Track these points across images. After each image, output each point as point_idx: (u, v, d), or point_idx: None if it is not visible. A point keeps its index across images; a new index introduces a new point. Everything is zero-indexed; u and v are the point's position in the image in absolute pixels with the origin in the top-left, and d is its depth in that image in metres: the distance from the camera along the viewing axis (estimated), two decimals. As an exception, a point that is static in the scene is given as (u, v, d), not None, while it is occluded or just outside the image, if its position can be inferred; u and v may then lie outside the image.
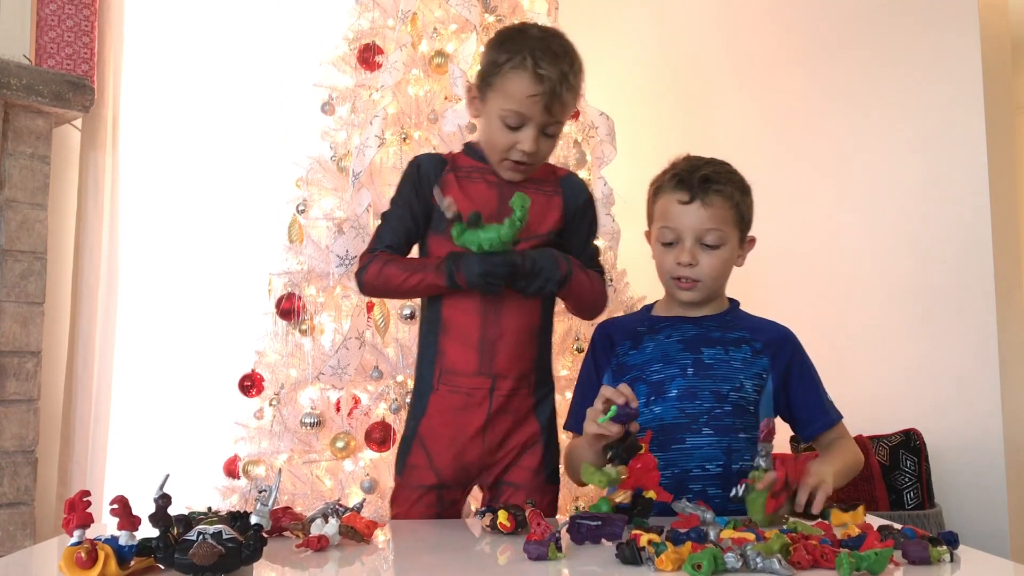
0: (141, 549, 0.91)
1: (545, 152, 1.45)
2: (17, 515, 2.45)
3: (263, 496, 1.01)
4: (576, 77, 1.41)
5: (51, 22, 2.74)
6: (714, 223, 1.41)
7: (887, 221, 2.77)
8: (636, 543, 0.97)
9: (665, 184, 1.45)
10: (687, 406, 1.39)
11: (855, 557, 0.91)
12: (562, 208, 1.49)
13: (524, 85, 1.36)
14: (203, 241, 2.99)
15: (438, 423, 1.44)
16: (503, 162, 1.43)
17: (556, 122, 1.41)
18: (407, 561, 1.08)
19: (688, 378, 1.40)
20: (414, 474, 1.45)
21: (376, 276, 1.44)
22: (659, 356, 1.43)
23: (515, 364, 1.43)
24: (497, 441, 1.44)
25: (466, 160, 1.49)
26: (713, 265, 1.41)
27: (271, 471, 2.27)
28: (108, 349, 2.77)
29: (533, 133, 1.39)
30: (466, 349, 1.42)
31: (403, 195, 1.49)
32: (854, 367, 2.77)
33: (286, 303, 2.32)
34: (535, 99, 1.36)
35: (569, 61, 1.40)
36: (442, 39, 2.46)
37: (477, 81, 1.46)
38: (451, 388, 1.43)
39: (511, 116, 1.38)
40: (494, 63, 1.40)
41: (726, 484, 1.34)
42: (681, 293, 1.44)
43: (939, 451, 2.53)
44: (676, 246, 1.41)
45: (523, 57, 1.36)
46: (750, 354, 1.43)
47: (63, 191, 2.80)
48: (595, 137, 2.55)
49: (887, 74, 2.80)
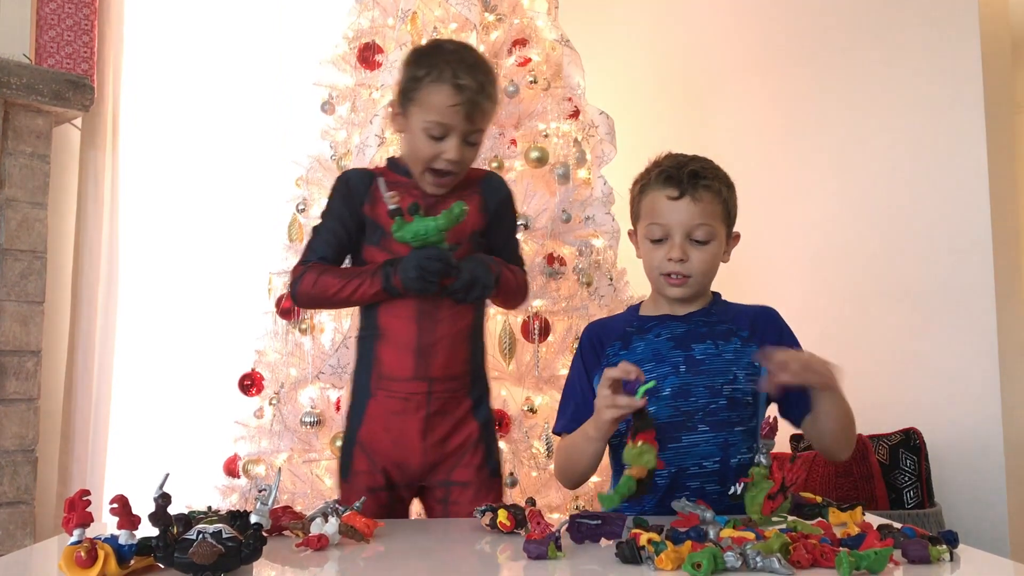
0: (141, 548, 0.91)
1: (468, 160, 1.50)
2: (17, 514, 2.45)
3: (263, 495, 1.01)
4: (492, 86, 1.48)
5: (51, 21, 2.74)
6: (703, 218, 1.40)
7: (887, 221, 2.77)
8: (636, 542, 0.97)
9: (652, 181, 1.43)
10: (681, 404, 1.38)
11: (855, 556, 0.91)
12: (481, 207, 1.53)
13: (445, 96, 1.42)
14: (203, 240, 2.99)
15: (377, 428, 1.47)
16: (425, 174, 1.48)
17: (477, 130, 1.47)
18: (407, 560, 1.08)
19: (681, 375, 1.39)
20: (359, 479, 1.48)
21: (312, 286, 1.47)
22: (650, 356, 1.43)
23: (451, 367, 1.47)
24: (437, 442, 1.47)
25: (391, 175, 1.53)
26: (703, 260, 1.41)
27: (271, 470, 2.27)
28: (108, 348, 2.77)
29: (456, 142, 1.44)
30: (403, 354, 1.45)
31: (334, 208, 1.53)
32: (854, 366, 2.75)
33: (286, 302, 2.32)
34: (456, 108, 1.42)
35: (484, 71, 1.48)
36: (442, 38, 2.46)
37: (398, 98, 1.50)
38: (388, 393, 1.46)
39: (434, 127, 1.43)
40: (414, 78, 1.46)
41: (723, 480, 1.33)
42: (671, 290, 1.43)
43: (939, 450, 2.53)
44: (665, 242, 1.41)
45: (441, 70, 1.43)
46: (739, 344, 1.42)
47: (63, 190, 2.80)
48: (595, 136, 2.56)
49: (887, 73, 2.80)
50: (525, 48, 2.51)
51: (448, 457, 1.48)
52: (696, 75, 3.37)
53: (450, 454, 1.48)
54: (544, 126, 2.46)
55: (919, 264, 2.68)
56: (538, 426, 2.22)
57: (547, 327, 2.25)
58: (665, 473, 1.34)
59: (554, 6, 2.64)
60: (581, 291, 2.34)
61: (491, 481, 1.51)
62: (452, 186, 1.51)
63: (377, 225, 1.48)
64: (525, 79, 2.48)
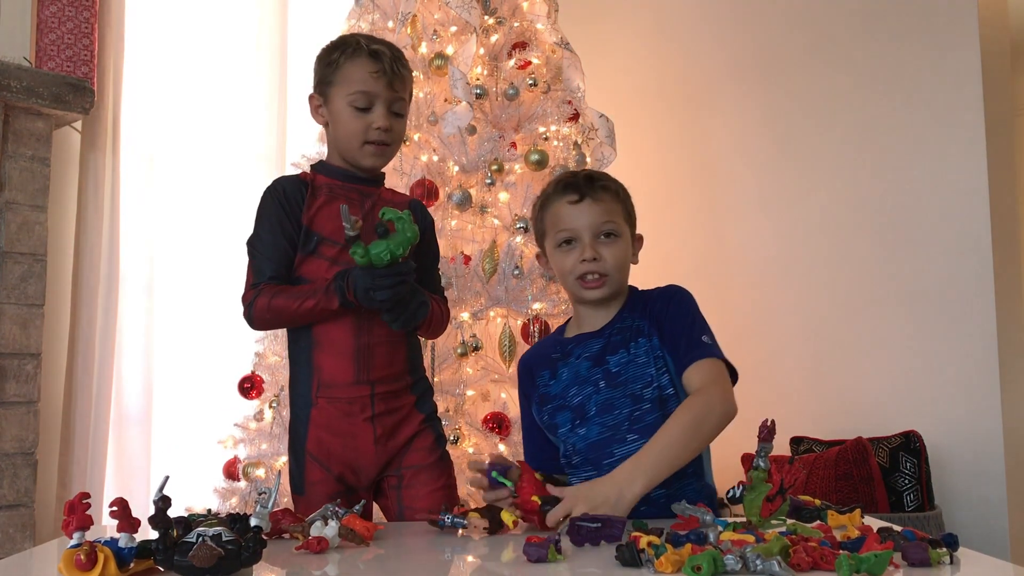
0: (141, 551, 0.91)
1: (398, 132, 1.53)
2: (17, 517, 2.45)
3: (263, 498, 1.01)
4: (404, 60, 1.53)
5: (51, 24, 2.74)
6: (607, 215, 1.43)
7: (887, 222, 2.77)
8: (636, 545, 0.97)
9: (552, 194, 1.48)
10: (607, 419, 1.40)
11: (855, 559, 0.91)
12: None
13: (363, 65, 1.47)
14: (203, 243, 2.99)
15: (325, 436, 1.46)
16: (363, 147, 1.49)
17: (400, 98, 1.51)
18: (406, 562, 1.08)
19: (601, 391, 1.41)
20: (316, 489, 1.46)
21: (266, 310, 1.44)
22: (573, 379, 1.45)
23: (390, 367, 1.48)
24: (386, 439, 1.48)
25: (323, 179, 1.53)
26: (615, 255, 1.43)
27: (271, 473, 2.27)
28: (108, 351, 2.77)
29: (383, 109, 1.48)
30: (342, 360, 1.45)
31: (271, 221, 1.48)
32: (854, 368, 2.77)
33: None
34: (376, 75, 1.47)
35: (392, 46, 1.53)
36: (442, 41, 2.47)
37: (316, 90, 1.54)
38: (330, 400, 1.46)
39: (358, 97, 1.47)
40: (329, 63, 1.51)
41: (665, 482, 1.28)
42: (589, 293, 1.43)
43: (939, 453, 2.53)
44: (575, 246, 1.43)
45: (355, 46, 1.49)
46: (646, 340, 1.42)
47: (63, 193, 2.80)
48: (595, 139, 2.56)
49: (887, 76, 2.80)
50: (525, 51, 2.51)
51: (399, 450, 1.49)
52: (696, 77, 3.37)
53: (400, 447, 1.49)
54: (544, 129, 2.46)
55: (919, 265, 2.68)
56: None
57: (547, 329, 2.25)
58: None
59: (554, 9, 2.65)
60: (581, 293, 2.34)
61: (441, 464, 1.53)
62: (391, 157, 1.54)
63: (313, 233, 1.47)
64: (525, 82, 2.48)
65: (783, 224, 3.05)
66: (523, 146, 2.43)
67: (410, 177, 2.35)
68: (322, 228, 1.48)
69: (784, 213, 3.05)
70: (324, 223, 1.48)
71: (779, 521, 1.18)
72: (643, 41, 3.56)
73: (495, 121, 2.43)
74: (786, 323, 3.01)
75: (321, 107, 1.54)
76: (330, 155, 1.58)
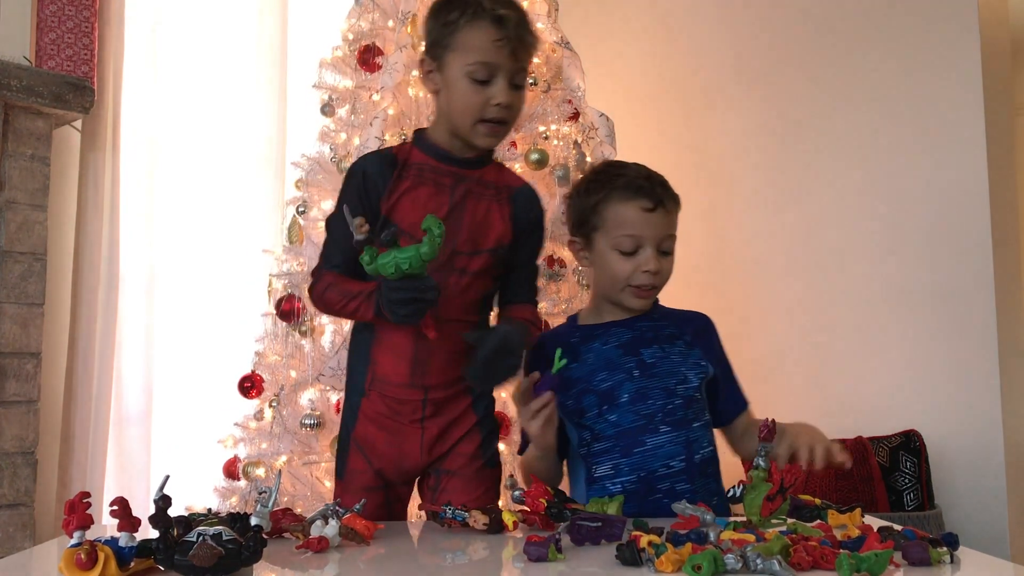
0: (141, 550, 0.91)
1: (518, 106, 1.38)
2: (17, 516, 2.45)
3: (263, 497, 1.01)
4: (529, 23, 1.38)
5: (51, 23, 2.74)
6: (672, 229, 1.44)
7: (887, 221, 2.77)
8: (636, 544, 0.97)
9: (619, 191, 1.42)
10: (641, 408, 1.39)
11: (855, 558, 0.91)
12: (511, 221, 1.42)
13: (487, 32, 1.31)
14: (203, 242, 2.99)
15: (372, 428, 1.41)
16: (477, 126, 1.35)
17: (522, 69, 1.36)
18: (407, 562, 1.08)
19: (635, 380, 1.40)
20: (356, 478, 1.42)
21: (319, 300, 1.42)
22: (602, 364, 1.43)
23: (447, 374, 1.39)
24: (433, 439, 1.41)
25: (419, 156, 1.40)
26: (669, 270, 1.44)
27: (271, 472, 2.27)
28: (108, 350, 2.77)
29: (504, 83, 1.33)
30: (399, 362, 1.38)
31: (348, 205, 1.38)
32: (854, 367, 2.77)
33: (286, 304, 2.32)
34: (500, 44, 1.31)
35: (519, 6, 1.38)
36: None
37: (430, 51, 1.38)
38: (382, 395, 1.40)
39: (479, 69, 1.32)
40: (447, 24, 1.34)
41: (691, 477, 1.36)
42: (638, 301, 1.44)
43: (939, 452, 2.53)
44: (636, 254, 1.41)
45: (477, 7, 1.32)
46: (684, 347, 1.45)
47: (63, 192, 2.80)
48: (595, 138, 2.56)
49: (887, 75, 2.80)
50: (525, 50, 2.51)
51: (447, 451, 1.43)
52: (696, 77, 3.37)
53: (448, 448, 1.43)
54: (544, 128, 2.46)
55: (919, 264, 2.68)
56: (538, 428, 2.22)
57: (547, 329, 2.25)
58: (635, 478, 1.36)
59: (554, 8, 2.64)
60: (581, 293, 2.34)
61: (483, 472, 1.44)
62: (505, 136, 1.40)
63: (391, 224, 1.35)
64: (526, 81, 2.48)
65: (783, 223, 3.05)
66: (523, 145, 2.43)
67: (410, 176, 2.35)
68: (402, 219, 1.35)
69: (784, 213, 3.05)
70: (405, 213, 1.36)
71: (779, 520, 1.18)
72: (643, 40, 3.56)
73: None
74: (786, 322, 3.01)
75: (433, 72, 1.37)
76: (436, 125, 1.42)
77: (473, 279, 1.39)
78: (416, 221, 1.28)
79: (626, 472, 1.37)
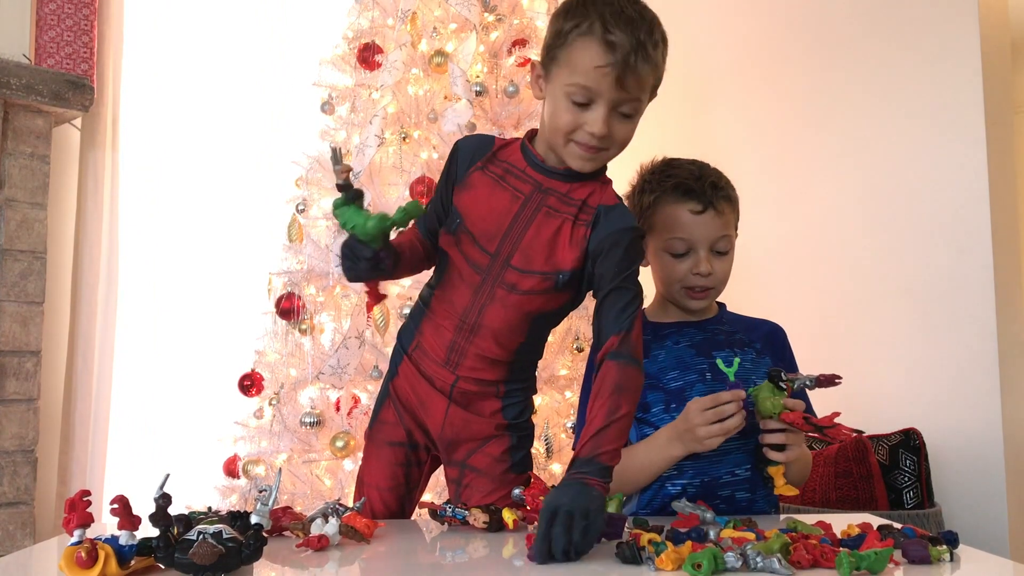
0: (141, 549, 0.91)
1: (620, 137, 1.26)
2: (17, 515, 2.45)
3: (263, 496, 1.01)
4: (656, 49, 1.22)
5: (51, 21, 2.74)
6: (726, 229, 1.40)
7: (887, 221, 2.77)
8: (636, 543, 0.97)
9: (668, 192, 1.41)
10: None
11: (855, 556, 0.91)
12: (585, 244, 1.28)
13: (592, 55, 1.19)
14: (203, 240, 2.99)
15: (406, 388, 1.40)
16: (569, 145, 1.26)
17: (632, 99, 1.23)
18: (407, 561, 1.08)
19: (708, 383, 1.38)
20: (384, 429, 1.41)
21: None
22: (674, 363, 1.41)
23: (478, 374, 1.35)
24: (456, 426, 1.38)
25: (514, 155, 1.34)
26: (725, 271, 1.42)
27: (271, 470, 2.27)
28: (108, 348, 2.77)
29: (603, 112, 1.21)
30: (439, 341, 1.36)
31: (439, 181, 1.39)
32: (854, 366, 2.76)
33: (286, 302, 2.32)
34: (604, 71, 1.18)
35: (648, 29, 1.21)
36: (442, 38, 2.46)
37: (542, 56, 1.29)
38: (418, 363, 1.38)
39: (578, 92, 1.21)
40: (559, 33, 1.23)
41: (753, 487, 1.35)
42: (694, 303, 1.42)
43: (939, 451, 2.53)
44: (688, 256, 1.40)
45: (591, 23, 1.19)
46: (754, 355, 1.43)
47: (63, 190, 2.80)
48: (595, 136, 2.55)
49: (887, 74, 2.80)
50: (525, 48, 2.51)
51: (467, 441, 1.39)
52: (696, 75, 3.37)
53: (469, 438, 1.39)
54: (543, 127, 2.46)
55: (919, 263, 2.68)
56: (538, 426, 2.22)
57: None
58: (697, 482, 1.34)
59: (554, 6, 2.64)
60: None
61: (507, 476, 1.37)
62: (601, 163, 1.30)
63: (456, 213, 1.31)
64: (525, 79, 2.48)
65: (783, 222, 3.05)
66: (523, 144, 2.42)
67: (410, 175, 2.35)
68: (466, 211, 1.30)
69: (784, 211, 3.05)
70: (470, 207, 1.30)
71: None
72: (643, 39, 3.56)
73: (495, 118, 2.43)
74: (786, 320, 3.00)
75: (541, 79, 1.29)
76: (540, 131, 1.34)
77: (522, 298, 1.31)
78: (474, 218, 1.28)
79: (689, 474, 1.35)
